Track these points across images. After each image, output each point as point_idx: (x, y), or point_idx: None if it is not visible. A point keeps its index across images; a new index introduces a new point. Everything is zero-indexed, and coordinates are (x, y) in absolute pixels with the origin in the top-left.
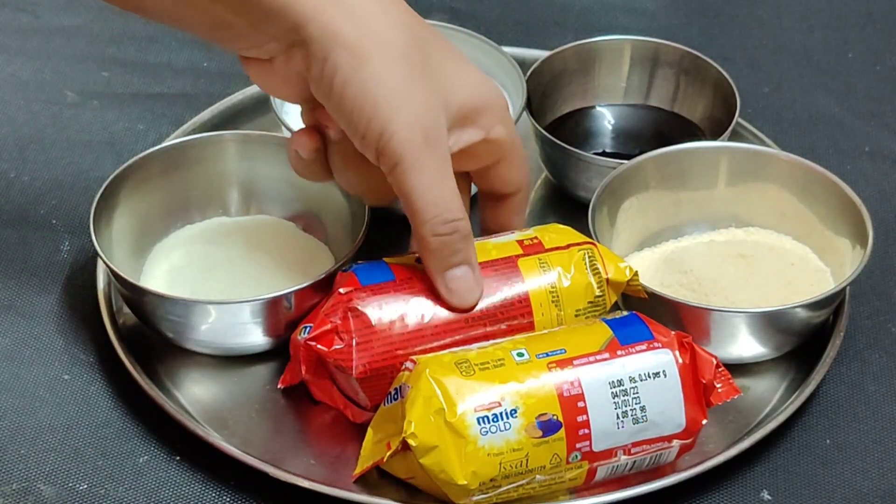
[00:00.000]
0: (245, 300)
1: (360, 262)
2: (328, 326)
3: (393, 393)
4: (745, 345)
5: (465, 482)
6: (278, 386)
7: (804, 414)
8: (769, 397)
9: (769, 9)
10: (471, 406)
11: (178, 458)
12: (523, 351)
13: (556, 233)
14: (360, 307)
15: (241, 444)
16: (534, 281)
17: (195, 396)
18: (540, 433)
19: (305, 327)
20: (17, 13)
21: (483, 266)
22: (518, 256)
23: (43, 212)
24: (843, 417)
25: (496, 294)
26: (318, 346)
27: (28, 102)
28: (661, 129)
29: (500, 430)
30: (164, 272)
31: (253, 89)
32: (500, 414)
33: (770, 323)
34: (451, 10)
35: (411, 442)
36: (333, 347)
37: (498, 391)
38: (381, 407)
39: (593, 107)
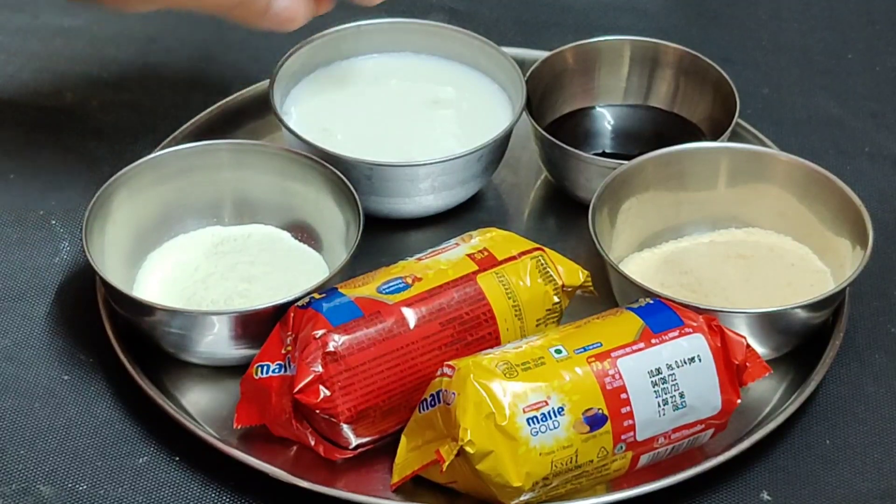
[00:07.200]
0: (237, 311)
1: (315, 295)
2: (311, 377)
3: (429, 399)
4: None
5: (520, 484)
6: (234, 426)
7: (804, 414)
8: (769, 397)
9: (769, 9)
10: (519, 408)
11: (177, 458)
12: (560, 348)
13: (503, 241)
14: (338, 350)
15: (241, 445)
16: (496, 297)
17: (195, 397)
18: (587, 428)
19: (261, 366)
20: (17, 14)
21: (444, 287)
22: (475, 273)
23: (42, 212)
24: (843, 417)
25: (463, 314)
26: (305, 399)
27: (27, 103)
28: (661, 130)
29: (550, 429)
30: (157, 281)
31: (253, 90)
32: (548, 413)
33: (770, 323)
34: (451, 10)
35: (469, 449)
36: (320, 398)
37: (543, 390)
38: (416, 414)
39: (593, 107)
